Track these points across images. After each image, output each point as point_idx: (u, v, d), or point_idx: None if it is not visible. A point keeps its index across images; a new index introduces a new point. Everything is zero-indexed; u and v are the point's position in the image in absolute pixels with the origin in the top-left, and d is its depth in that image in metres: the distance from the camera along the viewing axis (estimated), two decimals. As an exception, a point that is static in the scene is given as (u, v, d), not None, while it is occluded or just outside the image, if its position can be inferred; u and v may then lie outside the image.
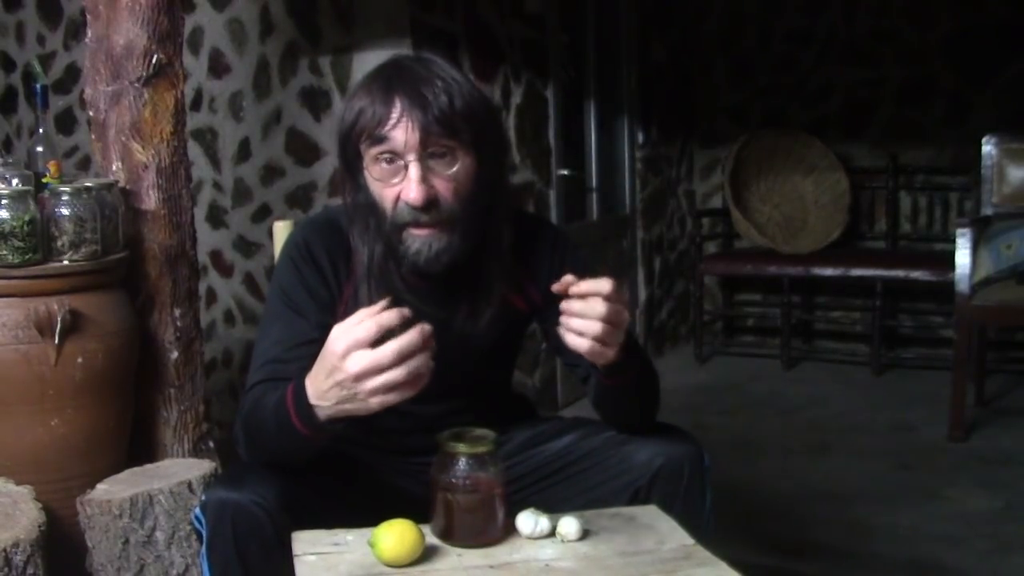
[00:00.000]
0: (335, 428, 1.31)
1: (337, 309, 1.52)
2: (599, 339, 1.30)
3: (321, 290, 1.51)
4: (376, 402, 1.22)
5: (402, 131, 1.39)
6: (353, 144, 1.45)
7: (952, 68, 4.63)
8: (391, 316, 1.21)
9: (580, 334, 1.30)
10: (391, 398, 1.22)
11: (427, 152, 1.40)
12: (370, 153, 1.43)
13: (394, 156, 1.41)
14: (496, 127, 1.52)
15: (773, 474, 3.24)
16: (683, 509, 1.49)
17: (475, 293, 1.53)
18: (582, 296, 1.30)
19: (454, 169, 1.42)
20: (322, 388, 1.25)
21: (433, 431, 1.39)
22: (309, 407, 1.28)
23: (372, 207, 1.46)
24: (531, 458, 1.62)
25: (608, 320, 1.30)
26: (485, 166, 1.46)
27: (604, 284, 1.30)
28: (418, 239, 1.43)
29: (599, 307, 1.29)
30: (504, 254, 1.53)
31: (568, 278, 1.31)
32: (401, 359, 1.19)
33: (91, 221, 1.99)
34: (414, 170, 1.39)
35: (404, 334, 1.20)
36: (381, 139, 1.40)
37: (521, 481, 1.59)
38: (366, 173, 1.45)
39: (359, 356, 1.19)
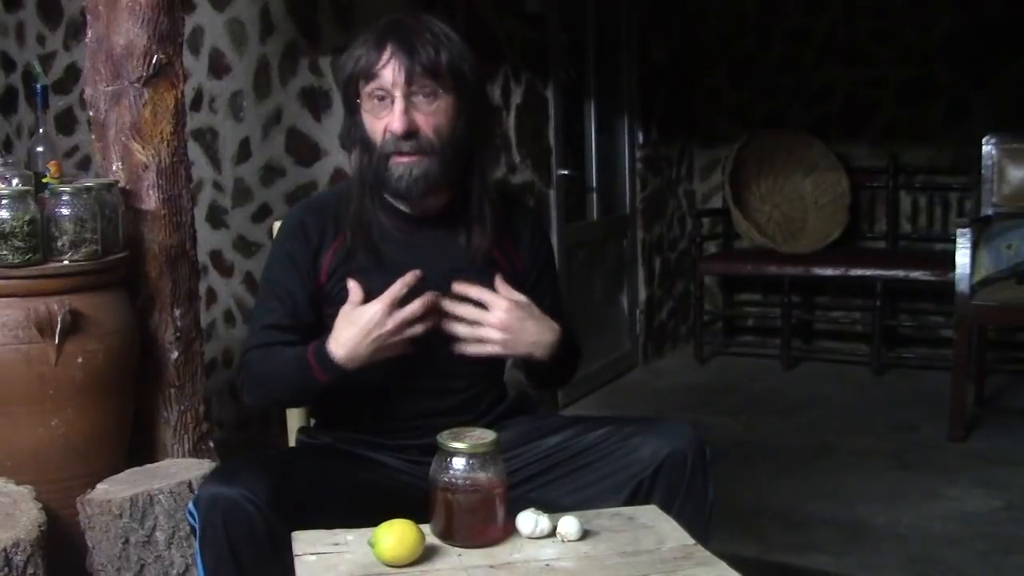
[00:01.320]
0: (356, 375, 1.56)
1: (320, 278, 1.66)
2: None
3: (310, 266, 1.66)
4: (403, 350, 1.55)
5: (390, 70, 1.57)
6: (352, 86, 1.62)
7: (952, 68, 4.63)
8: (410, 277, 1.54)
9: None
10: (408, 346, 1.56)
11: (411, 90, 1.57)
12: (364, 91, 1.60)
13: (384, 93, 1.58)
14: (479, 81, 1.67)
15: (773, 474, 3.24)
16: (685, 503, 1.51)
17: (469, 225, 1.67)
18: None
19: (435, 106, 1.59)
20: (361, 346, 1.52)
21: (432, 399, 1.59)
22: (337, 366, 1.53)
23: (366, 143, 1.62)
24: (532, 451, 1.63)
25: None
26: (466, 113, 1.62)
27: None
28: (400, 165, 1.59)
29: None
30: (491, 191, 1.68)
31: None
32: (425, 312, 1.54)
33: (91, 221, 1.99)
34: (398, 104, 1.57)
35: (425, 294, 1.55)
36: (373, 77, 1.58)
37: (523, 472, 1.60)
38: (361, 110, 1.62)
39: (397, 314, 1.52)
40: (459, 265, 1.64)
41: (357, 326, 1.52)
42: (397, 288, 1.53)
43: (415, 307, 1.53)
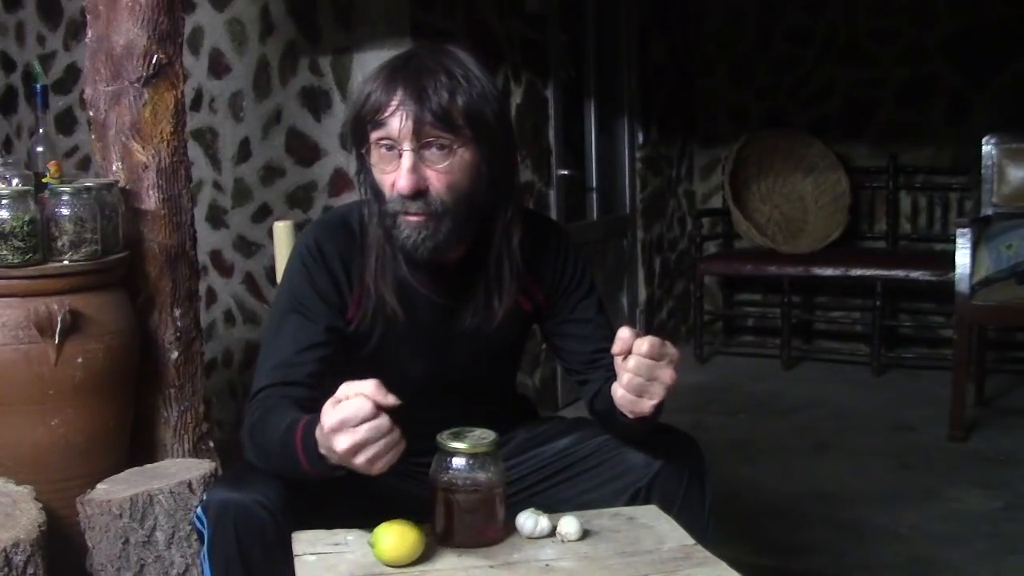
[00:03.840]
0: (339, 472, 1.30)
1: (348, 311, 1.53)
2: (631, 390, 1.35)
3: (331, 293, 1.51)
4: (377, 469, 1.22)
5: (398, 120, 1.40)
6: (360, 128, 1.46)
7: (952, 68, 4.63)
8: (379, 396, 1.20)
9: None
10: (388, 461, 1.22)
11: (422, 143, 1.41)
12: (372, 137, 1.45)
13: (392, 143, 1.42)
14: (505, 126, 1.51)
15: (773, 474, 3.24)
16: (682, 511, 1.49)
17: (488, 288, 1.54)
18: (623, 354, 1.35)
19: (448, 162, 1.42)
20: (323, 447, 1.26)
21: (437, 432, 1.39)
22: (320, 456, 1.27)
23: (376, 191, 1.48)
24: (531, 459, 1.62)
25: (638, 373, 1.33)
26: (487, 163, 1.46)
27: (642, 344, 1.33)
28: (408, 225, 1.44)
29: (630, 361, 1.33)
30: (515, 250, 1.53)
31: (623, 334, 1.34)
32: (380, 435, 1.20)
33: (91, 221, 2.00)
34: (406, 160, 1.41)
35: (381, 416, 1.20)
36: (380, 125, 1.42)
37: (521, 482, 1.59)
38: (369, 157, 1.48)
39: (343, 437, 1.19)
40: (492, 305, 1.54)
41: (320, 429, 1.25)
42: (359, 404, 1.20)
43: (364, 434, 1.19)
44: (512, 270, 1.53)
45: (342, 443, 1.19)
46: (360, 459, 1.20)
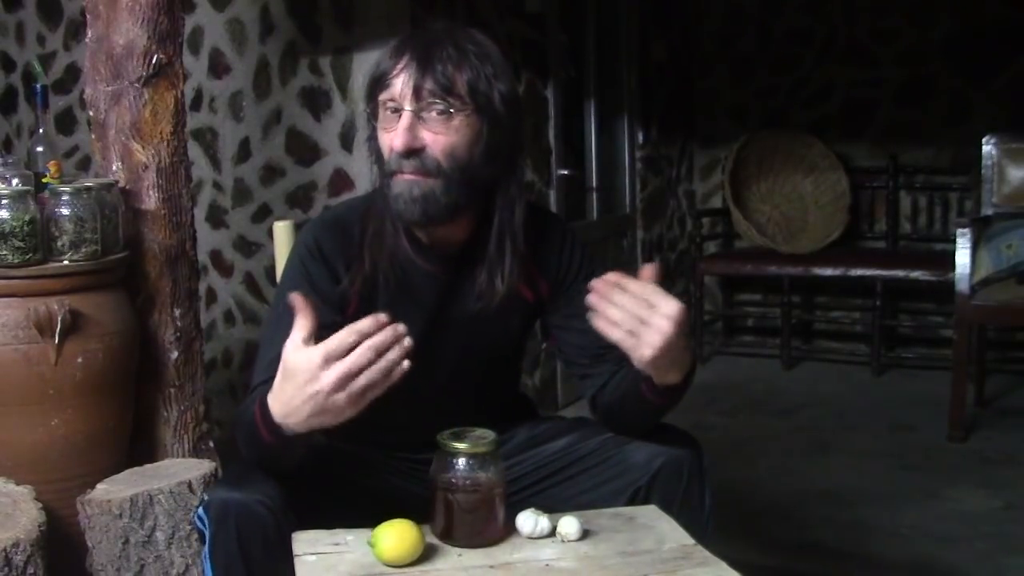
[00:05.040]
0: (308, 440, 1.32)
1: (348, 308, 1.52)
2: (630, 331, 1.33)
3: (330, 290, 1.51)
4: (352, 411, 1.24)
5: (400, 81, 1.44)
6: (372, 90, 1.49)
7: (952, 68, 4.63)
8: (367, 323, 1.23)
9: (612, 323, 1.34)
10: (367, 398, 1.24)
11: (422, 104, 1.43)
12: (379, 99, 1.48)
13: (396, 105, 1.45)
14: (512, 106, 1.51)
15: (773, 474, 3.24)
16: (682, 510, 1.49)
17: (490, 266, 1.54)
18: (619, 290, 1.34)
19: (446, 126, 1.44)
20: (293, 403, 1.26)
21: (439, 430, 1.39)
22: (276, 424, 1.29)
23: (380, 157, 1.51)
24: (531, 458, 1.62)
25: (638, 316, 1.33)
26: (488, 135, 1.47)
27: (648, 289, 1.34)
28: (401, 182, 1.46)
29: (628, 302, 1.33)
30: (518, 228, 1.53)
31: (611, 277, 1.34)
32: (376, 355, 1.22)
33: (91, 221, 1.99)
34: (404, 118, 1.43)
35: (377, 334, 1.22)
36: (386, 87, 1.45)
37: (521, 481, 1.59)
38: (377, 120, 1.50)
39: (335, 368, 1.21)
40: (494, 285, 1.53)
41: (291, 378, 1.25)
42: (343, 336, 1.22)
43: (356, 358, 1.21)
44: (514, 247, 1.53)
45: (329, 376, 1.20)
46: (344, 395, 1.21)
